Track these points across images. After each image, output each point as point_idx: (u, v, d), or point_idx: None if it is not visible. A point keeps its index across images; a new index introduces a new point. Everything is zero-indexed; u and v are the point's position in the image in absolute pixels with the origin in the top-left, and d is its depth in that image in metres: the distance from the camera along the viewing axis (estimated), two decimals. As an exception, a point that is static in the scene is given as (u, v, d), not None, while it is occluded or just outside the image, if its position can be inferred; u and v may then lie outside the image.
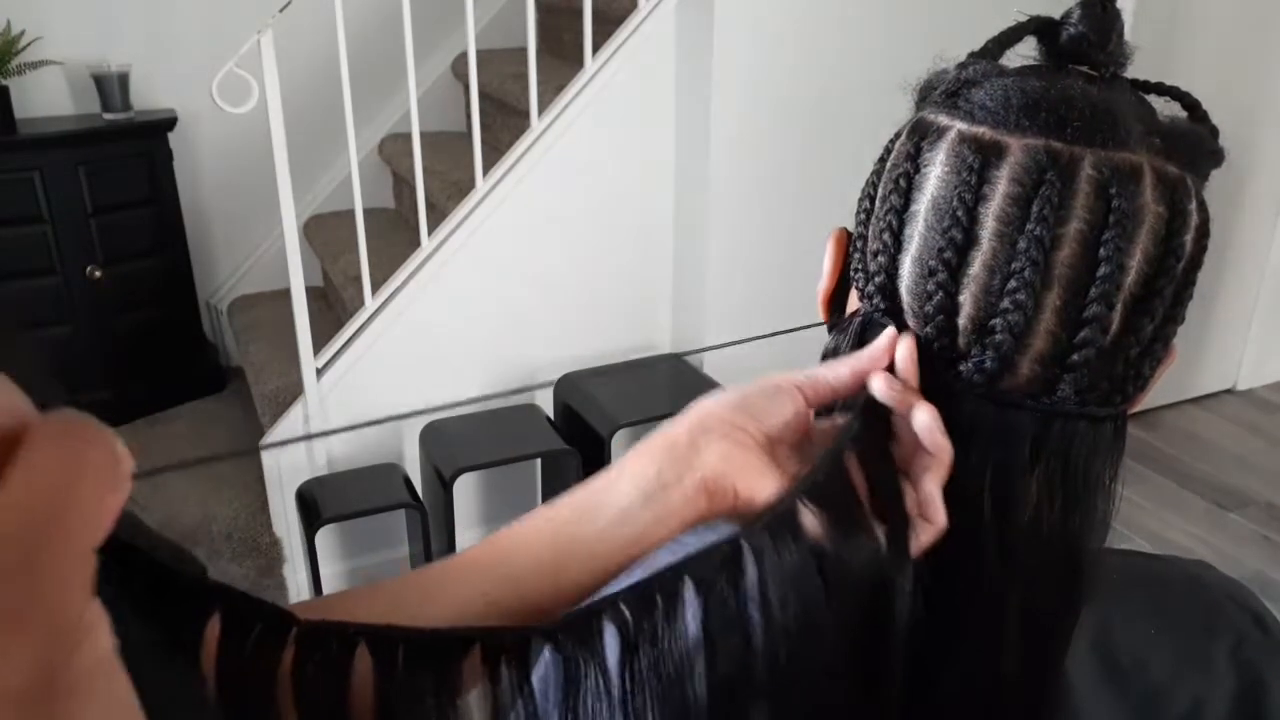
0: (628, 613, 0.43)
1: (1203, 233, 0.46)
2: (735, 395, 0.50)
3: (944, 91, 0.49)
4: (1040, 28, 0.50)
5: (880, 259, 0.49)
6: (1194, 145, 0.46)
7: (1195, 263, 0.46)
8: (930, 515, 0.45)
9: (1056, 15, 0.50)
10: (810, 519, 0.43)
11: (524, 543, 0.50)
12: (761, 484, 0.46)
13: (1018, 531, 0.47)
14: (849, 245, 0.53)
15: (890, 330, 0.47)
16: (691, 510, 0.47)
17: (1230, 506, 2.75)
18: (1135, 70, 0.51)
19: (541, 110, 2.24)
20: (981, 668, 0.49)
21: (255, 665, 0.41)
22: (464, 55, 2.88)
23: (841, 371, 0.48)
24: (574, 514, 0.49)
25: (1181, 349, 0.51)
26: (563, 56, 2.85)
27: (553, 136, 2.24)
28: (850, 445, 0.46)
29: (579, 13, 2.27)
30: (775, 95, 2.32)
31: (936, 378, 0.47)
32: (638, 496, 0.47)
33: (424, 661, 0.42)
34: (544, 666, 0.46)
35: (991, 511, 0.46)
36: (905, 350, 0.46)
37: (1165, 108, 0.49)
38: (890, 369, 0.47)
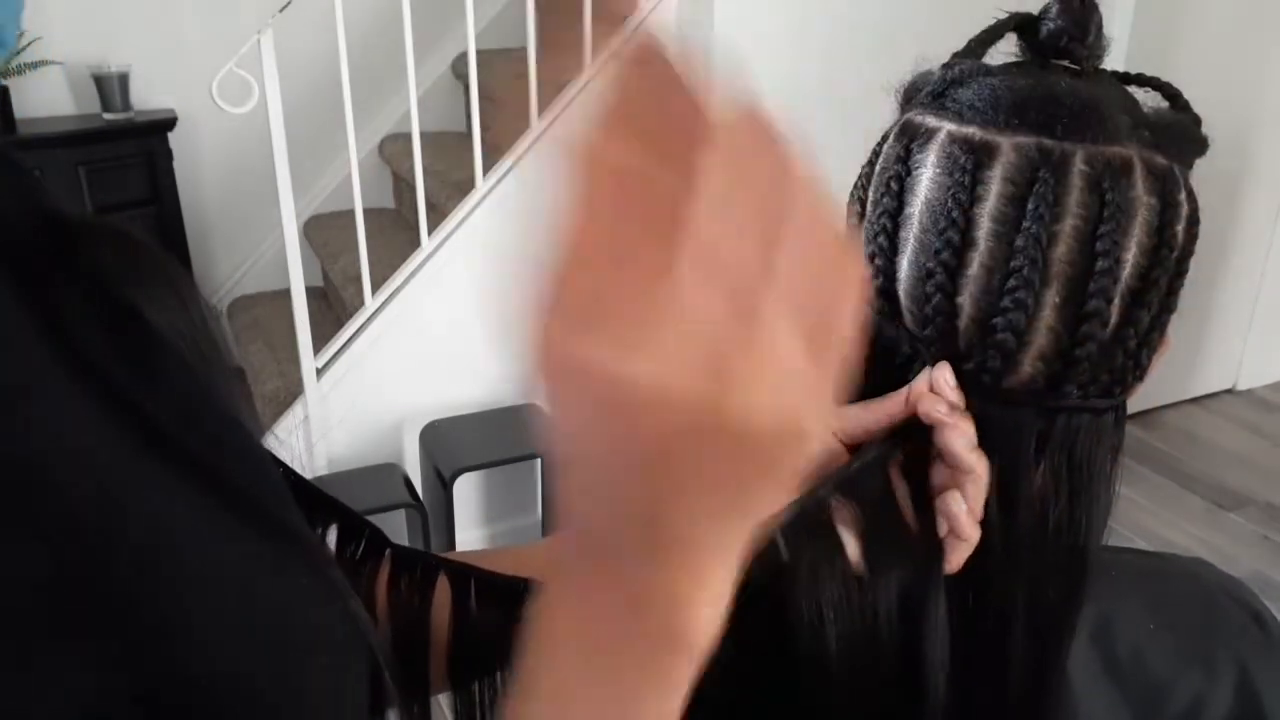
0: None
1: (1193, 221, 0.47)
2: None
3: (930, 92, 0.49)
4: (1020, 24, 0.50)
5: (876, 262, 0.49)
6: (1180, 135, 0.47)
7: (1187, 252, 0.47)
8: (962, 531, 0.46)
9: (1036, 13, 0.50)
10: (844, 514, 0.46)
11: None
12: None
13: (1025, 526, 0.47)
14: None
15: (926, 370, 0.47)
16: None
17: (1230, 506, 2.75)
18: (1136, 70, 0.52)
19: (541, 110, 2.24)
20: (989, 663, 0.49)
21: (358, 572, 0.52)
22: (464, 55, 2.88)
23: (878, 412, 0.48)
24: None
25: (1181, 349, 0.51)
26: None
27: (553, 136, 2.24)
28: (890, 458, 0.47)
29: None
30: (775, 95, 2.31)
31: None
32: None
33: (491, 597, 0.51)
34: None
35: (998, 508, 0.47)
36: (950, 379, 0.46)
37: (1146, 99, 0.49)
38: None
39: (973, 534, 0.46)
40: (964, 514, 0.46)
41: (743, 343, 0.23)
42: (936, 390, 0.46)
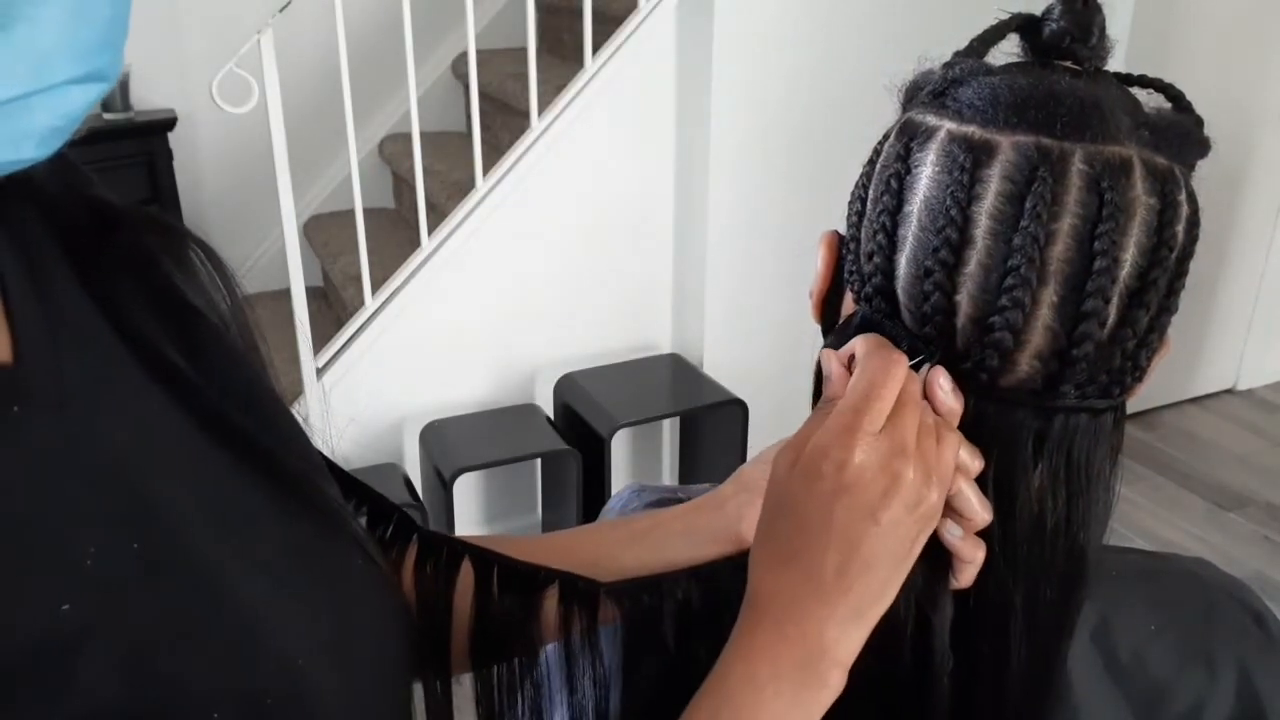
0: (687, 591, 0.53)
1: (1193, 222, 0.46)
2: (773, 452, 0.55)
3: (931, 91, 0.49)
4: (1022, 25, 0.50)
5: (875, 260, 0.49)
6: (1181, 136, 0.47)
7: (1187, 253, 0.47)
8: (963, 554, 0.47)
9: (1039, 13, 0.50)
10: None
11: (609, 530, 0.60)
12: None
13: (1022, 526, 0.47)
14: (841, 247, 0.53)
15: (925, 368, 0.47)
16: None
17: (1230, 506, 2.75)
18: (1135, 71, 0.51)
19: (541, 110, 2.24)
20: (988, 663, 0.49)
21: (386, 554, 0.54)
22: (464, 55, 2.88)
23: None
24: (631, 533, 0.59)
25: (1181, 349, 0.51)
26: (563, 56, 2.86)
27: (553, 136, 2.24)
28: None
29: (579, 13, 2.27)
30: (775, 95, 2.32)
31: None
32: (685, 540, 0.57)
33: (513, 584, 0.54)
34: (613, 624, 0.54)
35: (996, 508, 0.47)
36: (946, 382, 0.46)
37: (1149, 100, 0.49)
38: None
39: (975, 555, 0.47)
40: (959, 540, 0.46)
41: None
42: (932, 395, 0.46)
